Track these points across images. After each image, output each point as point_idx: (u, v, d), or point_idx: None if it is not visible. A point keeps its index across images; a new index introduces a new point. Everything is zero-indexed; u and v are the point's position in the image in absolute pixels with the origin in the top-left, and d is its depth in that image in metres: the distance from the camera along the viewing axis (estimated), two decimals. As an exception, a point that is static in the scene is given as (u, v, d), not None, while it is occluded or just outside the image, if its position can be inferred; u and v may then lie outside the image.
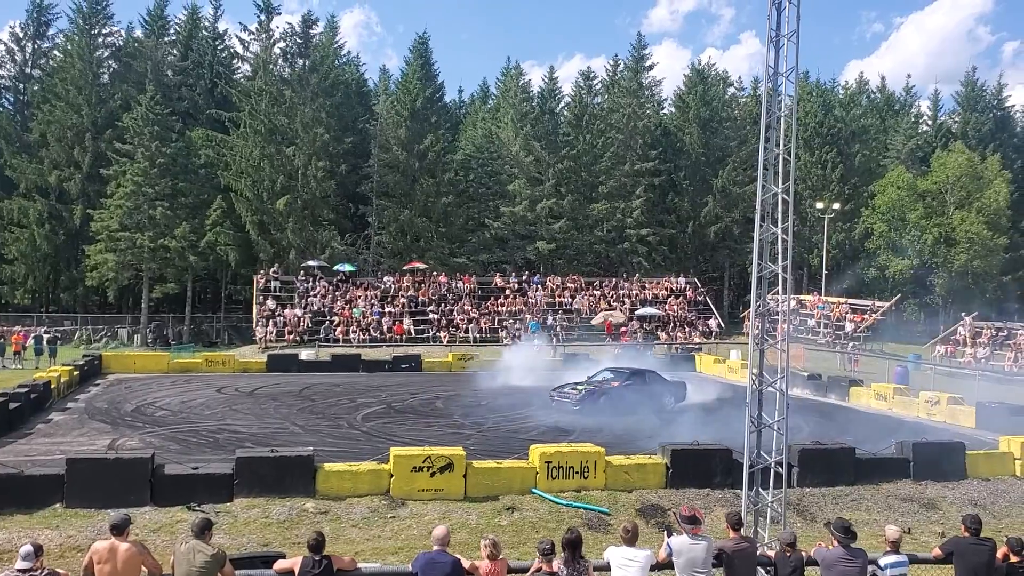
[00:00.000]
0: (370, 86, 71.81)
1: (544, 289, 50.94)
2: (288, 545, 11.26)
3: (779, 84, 11.48)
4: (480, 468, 13.91)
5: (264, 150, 54.39)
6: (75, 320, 51.91)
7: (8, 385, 22.62)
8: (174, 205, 51.04)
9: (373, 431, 19.89)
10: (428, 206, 57.33)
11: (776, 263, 11.50)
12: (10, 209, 53.74)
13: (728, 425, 16.94)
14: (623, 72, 68.69)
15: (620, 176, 61.04)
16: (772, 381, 11.42)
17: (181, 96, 60.93)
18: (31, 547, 7.16)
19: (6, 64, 61.64)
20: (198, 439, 18.39)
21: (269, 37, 60.86)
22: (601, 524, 12.95)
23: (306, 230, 54.13)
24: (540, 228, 59.22)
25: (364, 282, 50.04)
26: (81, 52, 56.60)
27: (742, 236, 59.72)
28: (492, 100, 78.51)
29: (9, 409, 19.20)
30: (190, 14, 65.66)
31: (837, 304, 48.87)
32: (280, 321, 43.95)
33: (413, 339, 43.83)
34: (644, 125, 63.24)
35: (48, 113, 55.40)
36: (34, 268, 54.14)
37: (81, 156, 54.35)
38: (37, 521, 11.97)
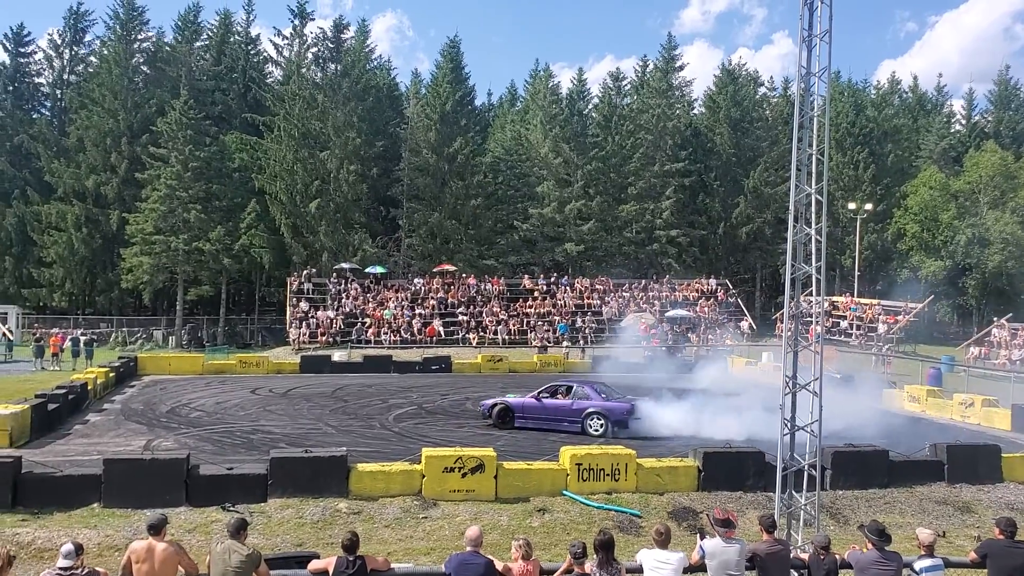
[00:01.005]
0: (401, 90, 72.20)
1: (573, 291, 50.88)
2: (322, 545, 11.36)
3: (811, 84, 11.42)
4: (511, 469, 13.96)
5: (297, 154, 54.88)
6: (111, 322, 52.68)
7: (46, 387, 22.97)
8: (208, 208, 51.61)
9: (405, 432, 20.00)
10: (457, 208, 57.52)
11: (809, 264, 11.44)
12: (48, 213, 54.66)
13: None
14: (652, 73, 68.46)
15: (650, 177, 60.83)
16: (805, 383, 11.35)
17: (214, 100, 61.60)
18: (72, 546, 7.30)
19: (45, 71, 62.82)
20: (232, 440, 18.58)
21: (302, 42, 61.42)
22: (632, 526, 12.94)
23: (338, 233, 54.52)
24: (569, 230, 59.17)
25: (395, 284, 50.34)
26: (117, 58, 57.44)
27: (774, 237, 59.25)
28: (521, 102, 78.64)
29: (48, 410, 19.52)
30: (222, 19, 66.39)
31: (870, 306, 48.33)
32: (313, 323, 44.33)
33: (443, 340, 44.00)
34: (674, 126, 62.98)
35: (85, 118, 56.31)
36: (72, 271, 54.96)
37: (117, 160, 55.14)
38: (76, 520, 12.15)
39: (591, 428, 19.58)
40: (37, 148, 56.43)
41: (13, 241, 55.59)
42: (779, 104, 67.52)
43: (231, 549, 7.44)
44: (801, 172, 11.33)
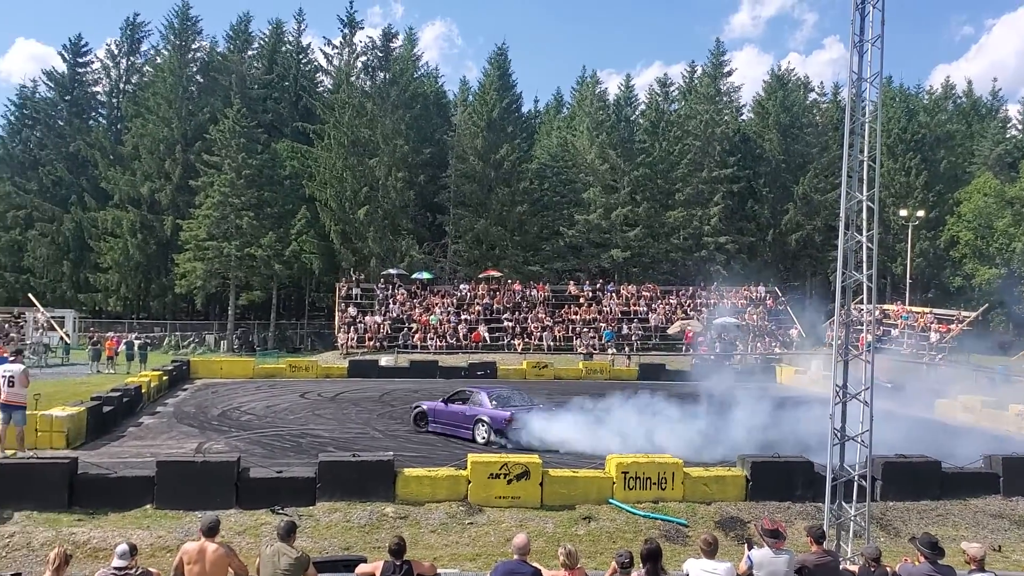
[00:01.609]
0: (449, 97, 72.65)
1: (619, 297, 50.68)
2: (369, 549, 11.45)
3: (863, 90, 11.29)
4: (556, 477, 13.94)
5: (346, 161, 55.51)
6: (164, 326, 53.74)
7: (102, 389, 23.44)
8: (260, 215, 52.41)
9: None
10: (503, 215, 57.67)
11: (860, 272, 11.29)
12: (104, 219, 56.00)
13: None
14: (700, 78, 68.05)
15: (697, 183, 60.43)
16: (856, 393, 11.20)
17: (266, 109, 62.59)
18: (127, 546, 7.48)
19: (101, 80, 64.52)
20: (282, 443, 18.82)
21: (352, 51, 62.14)
22: (679, 536, 12.85)
23: (386, 239, 55.00)
24: (615, 236, 58.97)
25: (441, 290, 50.60)
26: (172, 67, 58.73)
27: (824, 244, 58.47)
28: (567, 109, 78.67)
29: (103, 412, 19.90)
30: (274, 29, 67.43)
31: (921, 314, 47.37)
32: (361, 328, 44.75)
33: (488, 346, 44.10)
34: (722, 131, 62.51)
35: (140, 126, 57.62)
36: (127, 276, 56.18)
37: (172, 168, 56.33)
38: (129, 521, 12.34)
39: (478, 435, 19.39)
40: (94, 155, 57.93)
41: (70, 247, 57.08)
42: (829, 110, 66.67)
43: (280, 552, 7.56)
44: (852, 178, 11.21)
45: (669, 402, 21.08)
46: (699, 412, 20.52)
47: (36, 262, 56.69)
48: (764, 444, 17.24)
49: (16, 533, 11.74)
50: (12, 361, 15.59)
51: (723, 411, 21.01)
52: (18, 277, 56.29)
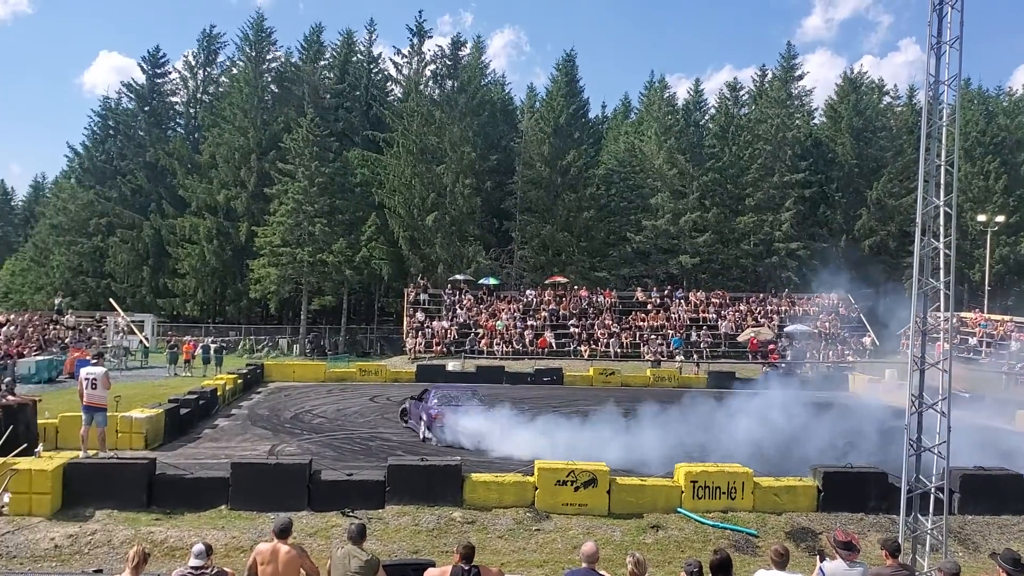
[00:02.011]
0: (516, 104, 72.95)
1: (687, 304, 50.16)
2: (436, 553, 11.55)
3: (940, 92, 11.04)
4: (624, 485, 13.88)
5: (415, 169, 56.14)
6: (239, 331, 54.96)
7: (179, 392, 24.13)
8: (332, 222, 53.28)
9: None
10: (570, 221, 57.61)
11: (936, 278, 11.03)
12: (183, 226, 57.63)
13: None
14: (771, 82, 67.04)
15: (768, 188, 59.53)
16: (932, 403, 10.93)
17: (338, 118, 63.60)
18: (203, 546, 7.71)
19: (179, 91, 66.40)
20: (352, 446, 19.11)
21: (420, 60, 62.83)
22: (749, 546, 12.69)
23: (453, 245, 55.43)
24: (683, 242, 58.43)
25: (507, 295, 50.76)
26: (247, 77, 60.23)
27: (898, 250, 57.02)
28: (635, 114, 78.21)
29: (180, 414, 20.50)
30: (345, 39, 68.52)
31: (1001, 322, 45.77)
32: (428, 333, 45.17)
33: (555, 352, 44.07)
34: (793, 136, 61.47)
35: (217, 136, 59.18)
36: (203, 282, 57.67)
37: (247, 176, 57.71)
38: (204, 521, 12.62)
39: (420, 431, 20.66)
40: (172, 164, 59.68)
41: (150, 253, 58.86)
42: (904, 113, 65.02)
43: (351, 554, 7.69)
44: (928, 183, 10.96)
45: (661, 410, 21.38)
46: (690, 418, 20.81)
47: (117, 268, 58.57)
48: (703, 454, 17.14)
49: (98, 531, 12.14)
50: (94, 364, 16.14)
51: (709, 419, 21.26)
52: (100, 282, 58.20)
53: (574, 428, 19.55)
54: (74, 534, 11.99)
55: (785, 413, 21.17)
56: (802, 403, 23.07)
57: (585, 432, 18.94)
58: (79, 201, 59.46)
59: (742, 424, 20.42)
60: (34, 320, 39.99)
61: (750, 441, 18.22)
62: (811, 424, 20.05)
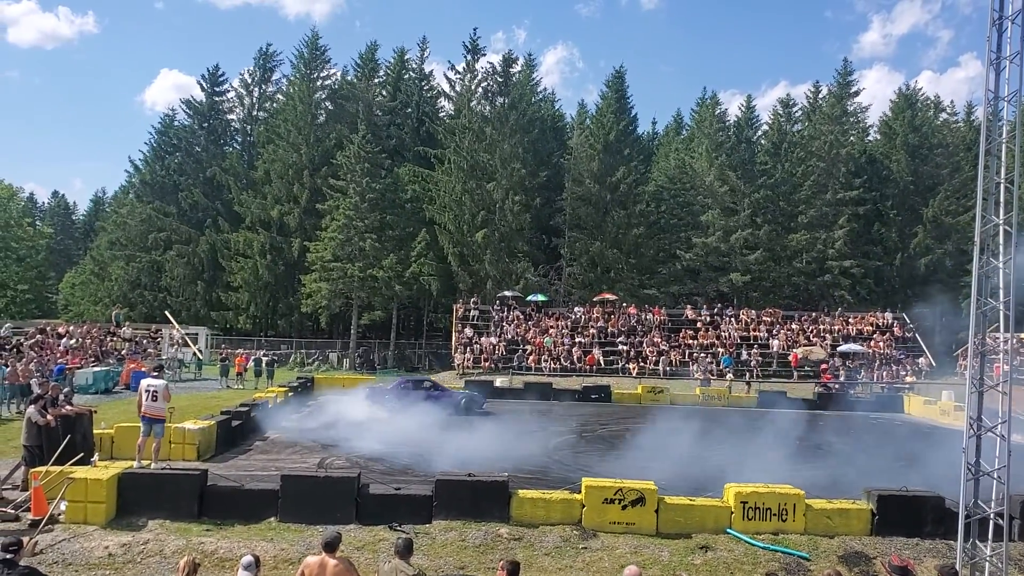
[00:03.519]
0: (566, 120, 73.11)
1: (738, 322, 49.57)
2: (483, 569, 11.51)
3: (1000, 108, 10.82)
4: (672, 504, 13.71)
5: (465, 185, 56.54)
6: (290, 344, 55.66)
7: (231, 404, 24.44)
8: (382, 238, 53.80)
9: (563, 460, 20.04)
10: (619, 238, 57.44)
11: (996, 299, 10.77)
12: (237, 241, 58.70)
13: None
14: (826, 98, 66.31)
15: (821, 205, 58.74)
16: (992, 426, 10.66)
17: (390, 135, 64.38)
18: (252, 558, 7.81)
19: (236, 108, 67.75)
20: (400, 460, 19.13)
21: (473, 77, 63.41)
22: (800, 569, 12.45)
23: (502, 261, 55.60)
24: (734, 259, 57.86)
25: (556, 312, 50.67)
26: (302, 95, 61.27)
27: (956, 269, 55.76)
28: (686, 131, 77.86)
29: (231, 426, 20.77)
30: (398, 57, 69.42)
31: (1068, 343, 44.48)
32: (477, 348, 45.28)
33: (603, 370, 43.86)
34: (847, 152, 60.65)
35: (271, 152, 60.26)
36: (256, 295, 58.61)
37: (300, 192, 58.62)
38: (254, 533, 12.69)
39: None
40: (228, 180, 60.89)
41: (205, 267, 60.01)
42: (960, 129, 63.78)
43: (398, 569, 7.71)
44: (987, 201, 10.74)
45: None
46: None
47: (173, 282, 59.79)
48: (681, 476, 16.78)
49: (150, 540, 12.32)
50: (155, 376, 16.46)
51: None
52: (156, 295, 59.47)
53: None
54: (127, 543, 12.18)
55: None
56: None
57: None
58: (138, 216, 60.90)
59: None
60: (92, 332, 40.88)
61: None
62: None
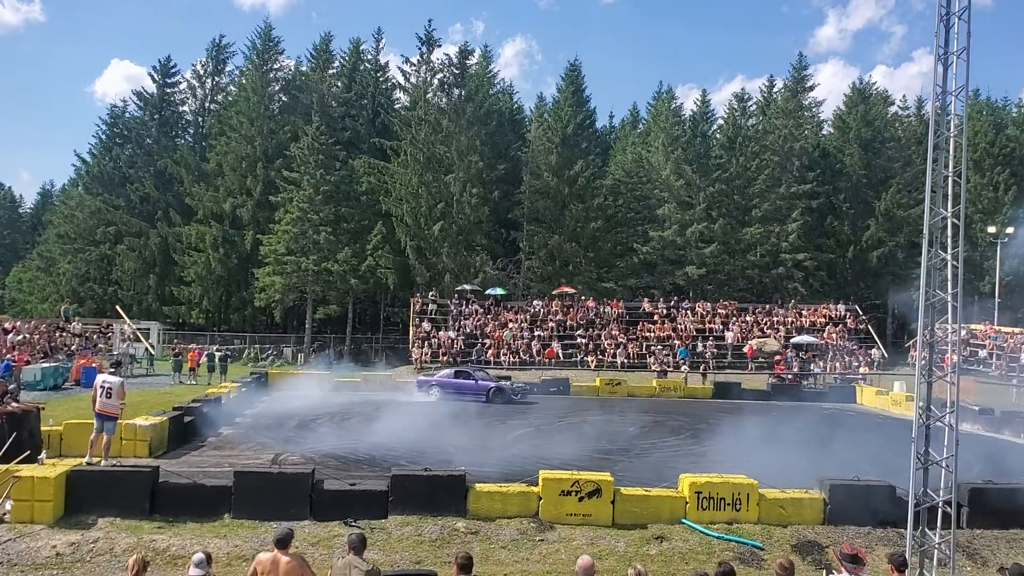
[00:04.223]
0: (524, 113, 73.02)
1: (694, 315, 50.02)
2: (439, 564, 11.44)
3: (947, 103, 10.98)
4: (628, 495, 13.76)
5: (422, 177, 56.25)
6: (244, 339, 55.03)
7: (184, 400, 24.08)
8: (337, 230, 53.39)
9: (521, 453, 20.03)
10: (577, 231, 57.61)
11: (945, 290, 10.94)
12: (189, 234, 57.83)
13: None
14: (780, 92, 67.10)
15: (775, 199, 59.43)
16: (940, 415, 10.83)
17: (345, 126, 63.85)
18: (203, 555, 7.66)
19: (188, 100, 66.75)
20: (356, 456, 19.02)
21: (429, 69, 63.03)
22: (754, 559, 12.56)
23: (460, 255, 55.46)
24: (690, 253, 58.35)
25: (514, 306, 50.71)
26: (255, 86, 60.48)
27: (907, 261, 56.80)
28: (643, 124, 78.24)
29: (184, 423, 20.44)
30: (353, 48, 68.82)
31: (1011, 334, 45.53)
32: (435, 342, 45.11)
33: (562, 362, 44.00)
34: (801, 146, 61.40)
35: (224, 144, 59.43)
36: (209, 290, 57.82)
37: (253, 184, 57.89)
38: (207, 530, 12.50)
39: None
40: (180, 172, 59.93)
41: (156, 261, 59.06)
42: (912, 123, 64.91)
43: (352, 564, 7.61)
44: (936, 194, 10.89)
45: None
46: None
47: (124, 275, 58.77)
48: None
49: (100, 539, 12.07)
50: (111, 373, 16.11)
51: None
52: (106, 290, 58.44)
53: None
54: (76, 542, 11.92)
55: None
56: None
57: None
58: (87, 209, 59.73)
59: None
60: (40, 327, 40.00)
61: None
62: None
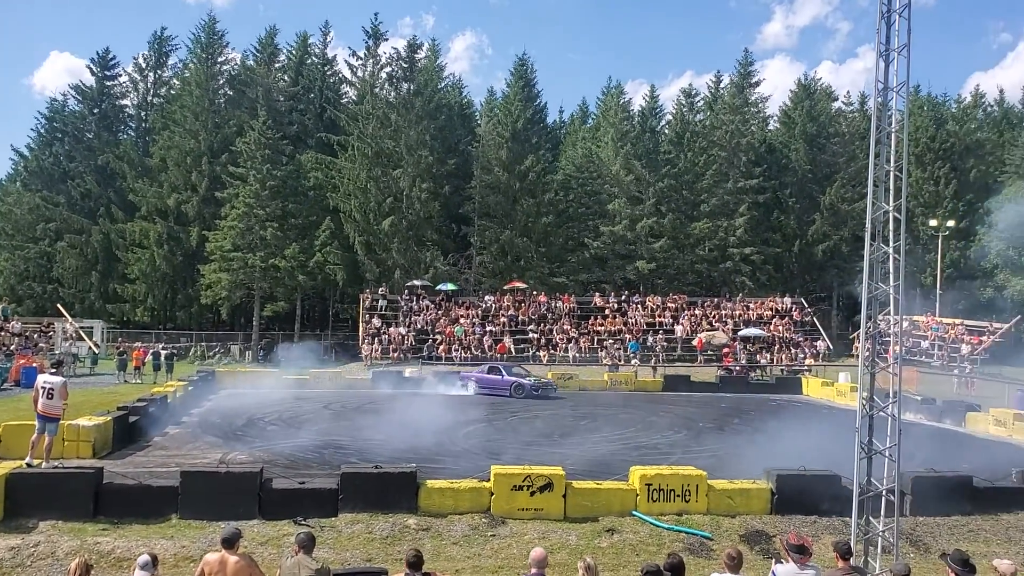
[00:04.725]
0: (475, 108, 72.80)
1: (644, 309, 50.44)
2: (390, 561, 11.37)
3: (889, 99, 11.16)
4: (580, 488, 13.81)
5: (371, 172, 55.80)
6: (190, 337, 54.17)
7: (128, 399, 23.59)
8: (284, 226, 52.77)
9: (474, 448, 20.01)
10: (528, 226, 57.66)
11: (887, 283, 11.14)
12: (132, 231, 56.70)
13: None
14: (727, 88, 67.87)
15: (723, 194, 60.12)
16: (883, 405, 11.03)
17: (291, 120, 63.11)
18: (148, 557, 7.49)
19: (130, 93, 65.42)
20: (305, 454, 18.81)
21: (376, 62, 62.55)
22: (703, 549, 12.69)
23: (410, 250, 55.17)
24: (640, 247, 58.78)
25: (466, 301, 50.62)
26: (199, 80, 59.43)
27: (851, 255, 57.91)
28: (592, 120, 78.54)
29: (129, 422, 20.03)
30: (300, 42, 68.00)
31: (952, 325, 46.76)
32: (385, 339, 44.86)
33: (514, 357, 44.01)
34: (748, 142, 62.17)
35: (168, 139, 58.33)
36: (153, 287, 56.76)
37: (198, 180, 56.91)
38: (154, 531, 12.31)
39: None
40: (122, 168, 58.72)
41: (98, 258, 57.79)
42: (856, 119, 66.14)
43: (301, 564, 7.52)
44: (878, 189, 11.07)
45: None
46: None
47: (65, 273, 57.43)
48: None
49: (41, 542, 11.79)
50: (53, 373, 15.70)
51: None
52: (46, 288, 57.07)
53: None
54: (16, 546, 11.63)
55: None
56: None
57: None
58: (25, 205, 58.18)
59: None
60: (-23, 327, 38.94)
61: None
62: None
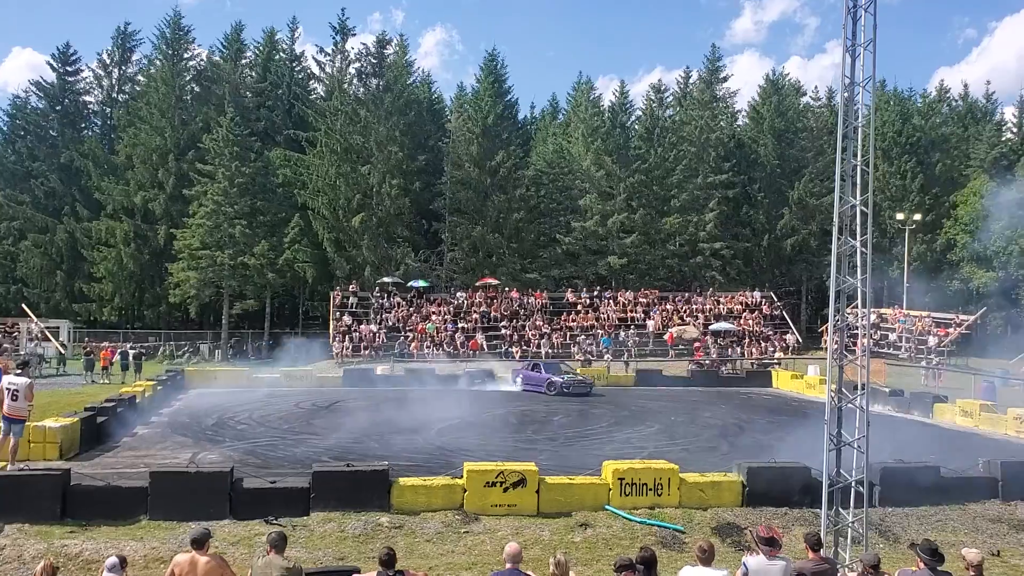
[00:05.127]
0: (445, 103, 72.52)
1: (616, 304, 50.63)
2: (363, 559, 11.33)
3: (855, 94, 11.27)
4: (553, 484, 13.84)
5: (340, 169, 55.45)
6: (159, 336, 53.54)
7: (96, 399, 23.32)
8: (253, 223, 52.31)
9: (447, 445, 19.98)
10: (500, 222, 57.60)
11: (855, 276, 11.25)
12: (98, 230, 55.92)
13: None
14: (696, 84, 68.17)
15: (693, 189, 60.41)
16: (852, 398, 11.15)
17: (259, 117, 62.51)
18: (116, 559, 7.40)
19: (93, 90, 64.41)
20: (276, 453, 18.70)
21: (344, 58, 62.13)
22: (675, 542, 12.76)
23: (381, 247, 54.91)
24: (611, 243, 58.93)
25: (438, 298, 50.52)
26: (165, 76, 58.67)
27: (820, 249, 58.44)
28: (563, 115, 78.58)
29: (97, 423, 19.79)
30: (267, 38, 67.40)
31: (919, 318, 47.39)
32: (356, 336, 44.66)
33: (486, 354, 44.02)
34: (717, 137, 62.49)
35: (133, 136, 57.57)
36: (120, 286, 56.02)
37: (165, 177, 56.20)
38: (123, 532, 12.20)
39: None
40: (87, 166, 57.85)
41: (64, 257, 56.93)
42: (824, 114, 66.69)
43: (272, 563, 7.46)
44: (845, 183, 11.18)
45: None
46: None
47: (29, 272, 56.55)
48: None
49: (7, 545, 11.62)
50: (18, 374, 15.48)
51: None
52: (10, 288, 56.18)
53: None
54: (-19, 550, 11.44)
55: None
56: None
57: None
58: (-13, 204, 57.17)
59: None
60: (-60, 328, 38.32)
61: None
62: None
